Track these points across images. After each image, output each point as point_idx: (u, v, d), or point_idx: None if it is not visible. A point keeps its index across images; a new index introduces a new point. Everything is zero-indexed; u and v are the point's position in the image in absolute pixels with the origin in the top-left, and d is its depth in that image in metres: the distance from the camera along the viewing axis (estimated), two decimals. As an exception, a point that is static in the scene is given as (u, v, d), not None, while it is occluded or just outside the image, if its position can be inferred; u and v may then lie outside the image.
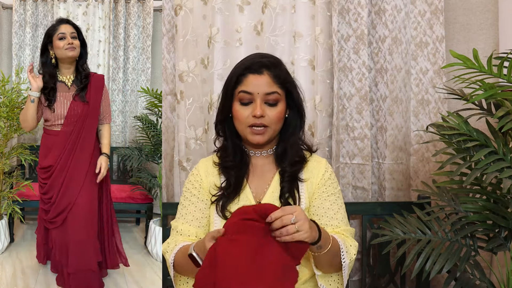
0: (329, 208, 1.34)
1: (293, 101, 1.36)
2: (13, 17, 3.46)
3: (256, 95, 1.29)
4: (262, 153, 1.39)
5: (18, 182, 2.88)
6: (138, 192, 3.09)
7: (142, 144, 3.10)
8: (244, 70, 1.31)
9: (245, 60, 1.34)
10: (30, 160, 2.85)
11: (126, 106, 3.67)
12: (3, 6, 3.50)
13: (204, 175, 1.40)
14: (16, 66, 3.42)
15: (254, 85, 1.29)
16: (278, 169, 1.38)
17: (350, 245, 1.29)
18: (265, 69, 1.30)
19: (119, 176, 3.57)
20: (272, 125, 1.31)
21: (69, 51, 2.06)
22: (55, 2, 3.47)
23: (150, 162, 3.17)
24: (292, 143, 1.37)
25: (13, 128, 2.78)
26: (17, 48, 3.46)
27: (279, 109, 1.31)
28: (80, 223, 2.09)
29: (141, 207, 3.14)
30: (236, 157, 1.37)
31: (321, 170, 1.39)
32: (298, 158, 1.37)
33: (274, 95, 1.30)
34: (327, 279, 1.32)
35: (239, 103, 1.31)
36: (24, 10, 3.48)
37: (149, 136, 3.03)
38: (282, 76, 1.33)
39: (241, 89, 1.30)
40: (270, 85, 1.30)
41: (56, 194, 2.10)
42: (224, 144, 1.40)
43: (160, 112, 2.91)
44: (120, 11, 3.58)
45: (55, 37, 2.07)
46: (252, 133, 1.31)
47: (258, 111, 1.28)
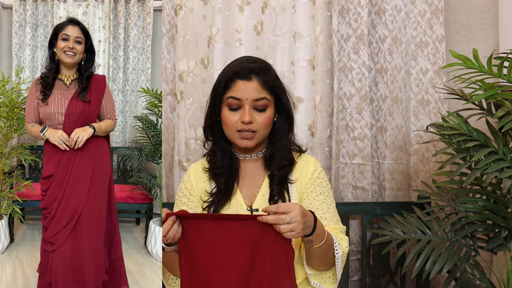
0: (317, 208, 1.34)
1: (282, 105, 1.35)
2: (13, 17, 3.46)
3: (245, 101, 1.28)
4: (252, 156, 1.39)
5: (18, 182, 2.88)
6: (138, 192, 3.09)
7: (142, 144, 3.10)
8: (233, 76, 1.29)
9: (234, 65, 1.33)
10: (30, 160, 2.85)
11: (126, 106, 3.67)
12: (3, 6, 3.51)
13: (194, 181, 1.41)
14: (16, 66, 3.42)
15: (243, 91, 1.28)
16: (267, 172, 1.37)
17: (341, 239, 1.30)
18: (254, 74, 1.29)
19: (119, 176, 3.57)
20: (260, 130, 1.31)
21: (66, 56, 1.96)
22: (55, 2, 3.47)
23: (150, 162, 3.17)
24: (280, 147, 1.37)
25: (13, 128, 2.78)
26: (17, 48, 3.46)
27: (267, 114, 1.31)
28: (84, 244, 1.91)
29: (141, 207, 3.14)
30: (224, 161, 1.37)
31: (310, 170, 1.38)
32: (286, 162, 1.36)
33: (262, 101, 1.29)
34: (321, 277, 1.32)
35: (227, 108, 1.31)
36: (24, 10, 3.48)
37: (149, 136, 3.03)
38: (271, 81, 1.32)
39: (229, 95, 1.29)
40: (259, 91, 1.29)
41: (56, 207, 1.93)
42: (213, 149, 1.40)
43: (160, 112, 2.91)
44: (120, 11, 3.59)
45: (59, 36, 1.97)
46: (241, 138, 1.30)
47: (246, 117, 1.27)
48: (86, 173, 1.98)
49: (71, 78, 2.02)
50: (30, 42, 3.48)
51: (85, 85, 2.00)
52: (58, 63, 2.01)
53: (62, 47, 1.95)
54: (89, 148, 1.99)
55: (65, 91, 1.99)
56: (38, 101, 1.97)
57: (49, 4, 3.49)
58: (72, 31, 1.97)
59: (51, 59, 2.01)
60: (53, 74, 1.99)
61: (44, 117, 1.97)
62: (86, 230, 1.94)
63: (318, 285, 1.32)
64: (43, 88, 1.97)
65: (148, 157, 3.06)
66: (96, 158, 2.02)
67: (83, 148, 1.97)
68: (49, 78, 1.98)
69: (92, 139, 1.99)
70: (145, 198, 3.11)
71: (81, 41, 1.99)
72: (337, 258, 1.26)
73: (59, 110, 1.95)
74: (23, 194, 2.84)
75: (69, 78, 2.01)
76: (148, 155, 3.04)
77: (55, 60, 2.00)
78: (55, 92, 1.98)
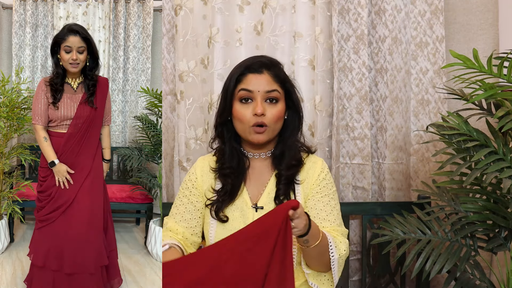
0: (321, 209, 1.35)
1: (292, 102, 1.36)
2: (13, 17, 3.46)
3: (257, 93, 1.30)
4: (261, 155, 1.39)
5: (18, 182, 2.89)
6: (138, 192, 3.09)
7: (142, 144, 3.10)
8: (244, 70, 1.32)
9: (244, 61, 1.36)
10: (30, 160, 2.85)
11: (126, 106, 3.67)
12: (3, 6, 3.51)
13: (200, 175, 1.41)
14: (16, 66, 3.42)
15: (254, 84, 1.30)
16: (275, 171, 1.37)
17: (340, 241, 1.29)
18: (265, 68, 1.32)
19: (119, 176, 3.57)
20: (271, 124, 1.31)
21: (72, 67, 2.03)
22: (55, 2, 3.47)
23: (150, 162, 3.17)
24: (290, 145, 1.37)
25: (13, 128, 2.78)
26: (17, 48, 3.46)
27: (279, 107, 1.32)
28: (79, 220, 2.02)
29: (141, 207, 3.14)
30: (233, 162, 1.37)
31: (317, 171, 1.38)
32: (295, 162, 1.37)
33: (274, 93, 1.31)
34: (320, 278, 1.32)
35: (239, 102, 1.32)
36: (24, 10, 3.48)
37: (149, 136, 3.02)
38: (282, 75, 1.35)
39: (241, 87, 1.31)
40: (270, 84, 1.31)
41: (55, 191, 2.05)
42: (221, 148, 1.40)
43: (160, 112, 2.91)
44: (120, 11, 3.58)
45: (61, 47, 2.02)
46: (254, 133, 1.31)
47: (259, 108, 1.28)
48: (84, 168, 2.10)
49: (78, 82, 2.12)
50: (30, 42, 3.48)
51: (92, 91, 2.10)
52: (63, 68, 2.08)
53: (67, 60, 2.02)
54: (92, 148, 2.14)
55: (73, 95, 2.09)
56: (49, 104, 2.06)
57: (49, 4, 3.49)
58: (74, 42, 2.01)
59: (57, 66, 2.08)
60: (61, 80, 2.08)
61: (53, 119, 2.08)
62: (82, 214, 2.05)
63: (316, 286, 1.31)
64: (53, 92, 2.06)
65: (148, 157, 3.06)
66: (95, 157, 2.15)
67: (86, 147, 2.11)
68: (57, 84, 2.07)
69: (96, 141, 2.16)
70: (145, 198, 3.11)
71: (83, 50, 2.05)
72: (332, 261, 1.26)
73: (68, 114, 2.06)
74: (23, 194, 2.84)
75: (76, 81, 2.11)
76: (148, 155, 3.04)
77: (60, 66, 2.07)
78: (65, 96, 2.07)
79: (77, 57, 2.01)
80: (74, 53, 2.01)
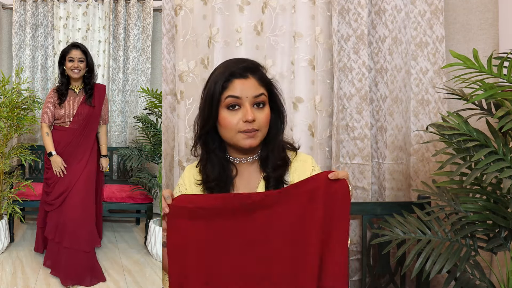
0: None
1: (275, 103, 1.34)
2: (13, 17, 3.46)
3: (245, 99, 1.26)
4: (248, 159, 1.36)
5: (18, 182, 2.88)
6: (138, 192, 3.09)
7: (142, 144, 3.10)
8: (229, 76, 1.27)
9: (226, 66, 1.31)
10: (30, 160, 2.85)
11: (126, 106, 3.67)
12: (3, 6, 3.50)
13: (188, 185, 1.40)
14: (16, 66, 3.42)
15: (242, 89, 1.26)
16: (263, 174, 1.36)
17: None
18: (250, 72, 1.28)
19: (119, 176, 3.56)
20: (262, 128, 1.29)
21: (74, 73, 2.58)
22: (55, 2, 3.47)
23: (150, 162, 3.17)
24: (273, 147, 1.35)
25: (13, 128, 2.78)
26: (17, 48, 3.46)
27: (266, 111, 1.30)
28: (76, 203, 2.48)
29: (141, 207, 3.14)
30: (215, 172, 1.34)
31: (308, 169, 1.37)
32: (280, 162, 1.35)
33: (261, 97, 1.28)
34: None
35: (226, 109, 1.28)
36: (24, 10, 3.48)
37: (149, 136, 3.02)
38: (266, 78, 1.32)
39: (228, 94, 1.27)
40: (257, 88, 1.28)
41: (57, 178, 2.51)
42: (204, 158, 1.37)
43: (160, 112, 2.91)
44: (120, 12, 3.58)
45: (66, 58, 2.59)
46: (244, 138, 1.28)
47: (249, 115, 1.25)
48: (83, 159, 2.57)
49: (79, 88, 2.64)
50: (30, 42, 3.48)
51: (90, 93, 2.62)
52: (68, 77, 2.63)
53: (70, 67, 2.58)
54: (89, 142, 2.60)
55: (75, 97, 2.61)
56: (56, 105, 2.58)
57: (49, 4, 3.48)
58: (75, 54, 2.59)
59: (62, 75, 2.63)
60: (65, 87, 2.62)
61: (59, 116, 2.58)
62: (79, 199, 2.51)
63: None
64: (59, 96, 2.61)
65: (148, 157, 3.05)
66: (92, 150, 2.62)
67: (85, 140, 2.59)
68: (63, 89, 2.62)
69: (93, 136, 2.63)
70: (145, 198, 3.10)
71: (83, 60, 2.61)
72: None
73: (71, 112, 2.58)
74: (23, 194, 2.84)
75: (78, 87, 2.64)
76: (148, 155, 3.04)
77: (65, 75, 2.62)
78: (69, 98, 2.61)
79: (78, 65, 2.58)
80: (76, 62, 2.58)
